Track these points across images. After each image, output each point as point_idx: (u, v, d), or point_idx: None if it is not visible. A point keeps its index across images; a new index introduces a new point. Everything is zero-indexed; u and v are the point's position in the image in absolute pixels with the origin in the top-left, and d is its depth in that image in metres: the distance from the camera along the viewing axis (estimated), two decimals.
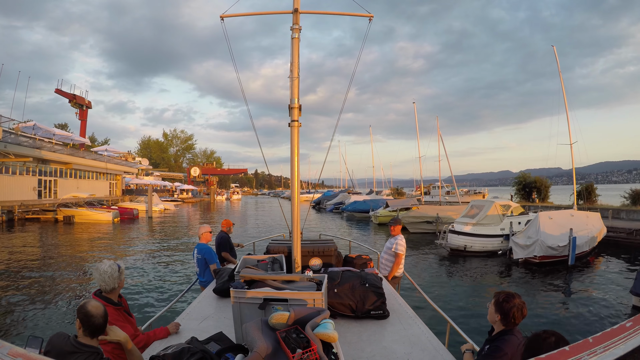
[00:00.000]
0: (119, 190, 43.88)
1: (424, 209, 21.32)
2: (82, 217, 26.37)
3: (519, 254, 13.82)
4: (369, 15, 4.64)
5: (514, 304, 2.32)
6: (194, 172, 73.15)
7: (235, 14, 4.67)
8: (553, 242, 13.52)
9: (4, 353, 1.03)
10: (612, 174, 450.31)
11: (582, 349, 0.93)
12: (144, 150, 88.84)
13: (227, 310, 3.64)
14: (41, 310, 8.27)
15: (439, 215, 20.68)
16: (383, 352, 2.91)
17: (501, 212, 16.27)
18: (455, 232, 15.43)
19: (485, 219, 15.75)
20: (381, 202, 31.34)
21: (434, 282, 11.48)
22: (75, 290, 9.97)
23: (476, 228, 15.45)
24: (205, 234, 5.54)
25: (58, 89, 36.80)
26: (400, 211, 25.32)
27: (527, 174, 35.56)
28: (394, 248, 5.64)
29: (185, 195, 63.15)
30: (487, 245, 15.51)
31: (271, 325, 2.26)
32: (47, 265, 13.27)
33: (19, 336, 6.94)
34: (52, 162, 31.66)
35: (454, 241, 15.39)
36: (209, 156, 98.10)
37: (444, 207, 22.87)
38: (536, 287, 10.98)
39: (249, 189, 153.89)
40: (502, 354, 2.26)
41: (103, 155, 38.67)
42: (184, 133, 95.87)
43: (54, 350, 2.01)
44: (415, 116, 29.21)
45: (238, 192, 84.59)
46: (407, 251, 5.83)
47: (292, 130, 4.27)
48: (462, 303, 9.29)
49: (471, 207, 16.99)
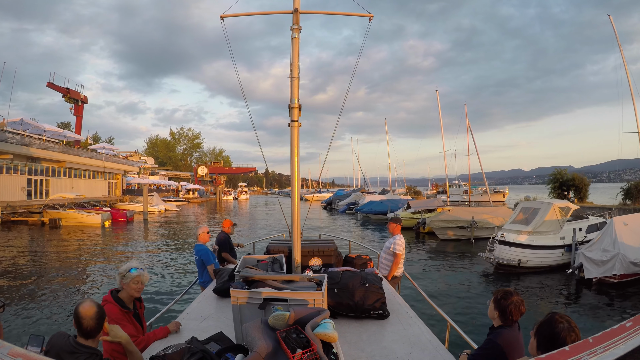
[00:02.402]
0: (118, 190, 41.48)
1: (455, 212, 18.07)
2: (69, 219, 23.92)
3: (592, 272, 10.60)
4: (369, 15, 4.65)
5: (511, 301, 2.39)
6: (201, 171, 70.69)
7: (236, 14, 4.65)
8: (636, 255, 10.32)
9: (4, 353, 1.03)
10: (624, 171, 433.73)
11: (582, 349, 0.93)
12: (151, 149, 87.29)
13: (227, 310, 3.61)
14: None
15: (475, 219, 17.44)
16: (383, 352, 2.89)
17: (560, 217, 13.02)
18: (506, 243, 12.21)
19: (542, 225, 12.52)
20: (400, 202, 28.12)
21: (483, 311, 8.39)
22: (41, 309, 8.52)
23: (533, 237, 12.22)
24: (203, 234, 5.47)
25: (50, 83, 34.21)
26: (424, 213, 22.14)
27: (563, 170, 31.80)
28: (392, 248, 5.57)
29: (190, 195, 60.76)
30: (545, 260, 12.30)
31: (271, 325, 2.27)
32: (15, 276, 11.42)
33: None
34: (43, 160, 29.29)
35: (505, 254, 12.18)
36: (218, 155, 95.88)
37: (477, 209, 19.60)
38: (616, 315, 8.33)
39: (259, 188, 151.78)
40: (491, 345, 2.37)
41: (100, 153, 36.24)
42: (191, 131, 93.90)
43: (54, 350, 2.02)
44: (438, 106, 25.91)
45: (246, 192, 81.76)
46: (440, 266, 6.35)
47: (292, 130, 4.25)
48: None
49: (521, 211, 13.72)
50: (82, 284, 10.86)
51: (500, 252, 12.24)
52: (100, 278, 11.50)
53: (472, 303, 9.12)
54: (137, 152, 68.54)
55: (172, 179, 68.49)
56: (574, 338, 1.82)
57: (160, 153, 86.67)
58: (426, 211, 22.49)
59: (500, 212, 19.66)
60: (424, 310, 6.25)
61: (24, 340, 2.21)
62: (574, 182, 30.26)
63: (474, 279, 11.74)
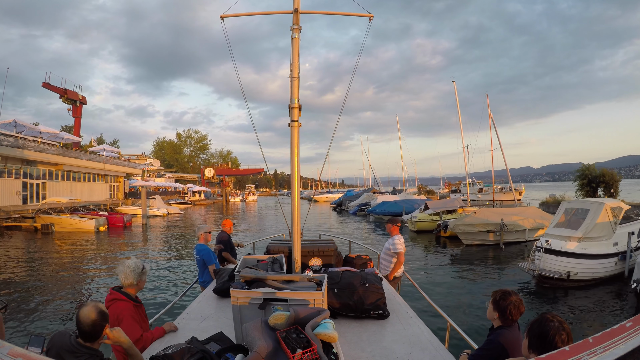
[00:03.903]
0: (121, 194, 40.13)
1: (482, 214, 15.96)
2: (62, 225, 22.50)
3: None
4: (369, 16, 4.63)
5: (510, 301, 2.40)
6: (208, 172, 69.33)
7: (236, 14, 4.66)
8: None
9: (4, 353, 1.03)
10: (635, 168, 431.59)
11: (582, 349, 0.93)
12: (158, 151, 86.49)
13: (227, 310, 3.63)
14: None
15: (505, 221, 15.37)
16: (383, 352, 2.88)
17: (612, 218, 10.94)
18: (552, 252, 10.19)
19: (593, 229, 10.46)
20: (416, 203, 26.06)
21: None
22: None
23: (584, 245, 10.18)
24: (204, 234, 5.51)
25: (46, 83, 32.77)
26: (444, 215, 20.09)
27: (591, 165, 29.36)
28: (393, 248, 5.52)
29: (197, 198, 59.37)
30: (597, 271, 10.26)
31: (271, 325, 2.28)
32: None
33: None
34: (39, 163, 28.02)
35: (552, 265, 10.17)
36: (226, 156, 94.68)
37: (505, 210, 17.47)
38: None
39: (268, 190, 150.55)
40: (492, 346, 2.38)
41: (100, 155, 34.90)
42: (198, 133, 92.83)
43: (55, 349, 2.03)
44: (455, 97, 23.81)
45: (254, 193, 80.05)
46: (467, 277, 5.86)
47: (292, 131, 4.22)
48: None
49: (564, 212, 11.65)
50: (62, 296, 9.70)
51: (545, 263, 10.24)
52: (86, 287, 10.74)
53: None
54: (143, 154, 67.65)
55: (179, 181, 67.38)
56: (564, 337, 1.83)
57: (167, 155, 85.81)
58: (445, 212, 20.45)
59: (530, 213, 17.54)
60: (424, 310, 6.26)
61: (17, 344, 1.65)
62: (603, 178, 27.82)
63: (514, 287, 9.76)
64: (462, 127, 22.61)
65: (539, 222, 16.91)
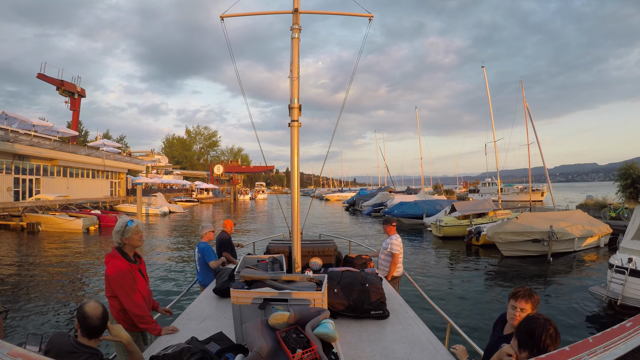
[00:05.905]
0: (122, 191, 38.40)
1: (527, 219, 13.21)
2: (48, 224, 20.64)
3: None
4: (369, 15, 4.59)
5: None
6: (217, 170, 67.49)
7: (235, 14, 4.67)
8: None
9: (3, 353, 1.02)
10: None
11: (582, 349, 0.92)
12: (168, 149, 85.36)
13: (227, 310, 3.60)
14: None
15: (554, 229, 12.67)
16: (383, 352, 2.85)
17: None
18: (637, 274, 7.57)
19: None
20: (438, 204, 23.35)
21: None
22: None
23: None
24: (208, 233, 5.51)
25: (40, 74, 30.89)
26: (474, 219, 17.42)
27: (634, 164, 26.17)
28: (390, 248, 5.47)
29: (204, 195, 57.53)
30: None
31: (271, 325, 2.27)
32: None
33: None
34: (32, 157, 26.30)
35: (635, 291, 7.56)
36: (236, 154, 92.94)
37: (551, 215, 14.71)
38: None
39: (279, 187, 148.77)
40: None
41: (100, 150, 33.14)
42: (208, 130, 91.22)
43: (54, 350, 2.00)
44: (485, 84, 21.02)
45: (264, 191, 77.80)
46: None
47: (292, 130, 4.23)
48: None
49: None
50: (35, 299, 8.94)
51: (629, 288, 7.60)
52: (62, 291, 9.92)
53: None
54: (152, 151, 66.35)
55: (188, 179, 65.83)
56: (552, 332, 1.76)
57: (177, 152, 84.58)
58: (475, 216, 17.77)
59: (577, 218, 14.78)
60: (424, 310, 5.92)
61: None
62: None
63: (581, 322, 7.32)
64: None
65: (587, 229, 14.21)
